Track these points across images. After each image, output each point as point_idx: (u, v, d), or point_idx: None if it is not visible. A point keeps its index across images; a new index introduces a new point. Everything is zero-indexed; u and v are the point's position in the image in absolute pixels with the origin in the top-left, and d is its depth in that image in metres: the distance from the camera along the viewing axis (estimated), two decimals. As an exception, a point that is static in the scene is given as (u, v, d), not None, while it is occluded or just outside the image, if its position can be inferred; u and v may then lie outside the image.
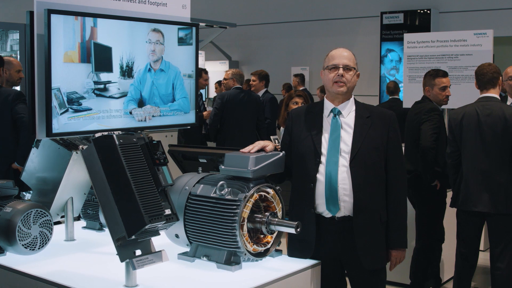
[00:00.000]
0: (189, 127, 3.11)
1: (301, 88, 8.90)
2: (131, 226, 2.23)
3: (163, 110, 2.85)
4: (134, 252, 2.34)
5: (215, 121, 7.15)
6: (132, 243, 2.32)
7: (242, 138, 6.64)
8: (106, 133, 2.37)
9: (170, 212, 2.32)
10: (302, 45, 12.07)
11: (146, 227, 2.22)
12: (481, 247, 6.03)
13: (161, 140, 6.72)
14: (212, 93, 11.74)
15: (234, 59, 13.24)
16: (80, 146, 2.39)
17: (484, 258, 5.35)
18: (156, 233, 2.36)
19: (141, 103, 2.74)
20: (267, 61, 12.31)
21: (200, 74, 7.41)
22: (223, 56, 13.16)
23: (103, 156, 2.30)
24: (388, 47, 10.60)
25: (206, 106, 8.18)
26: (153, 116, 2.80)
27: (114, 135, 2.30)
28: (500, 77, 4.34)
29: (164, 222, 2.28)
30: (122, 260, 2.30)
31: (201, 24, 10.94)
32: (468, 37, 6.24)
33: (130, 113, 2.68)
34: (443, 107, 5.03)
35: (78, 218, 3.40)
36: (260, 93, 8.13)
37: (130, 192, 2.22)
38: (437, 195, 4.79)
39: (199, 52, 11.19)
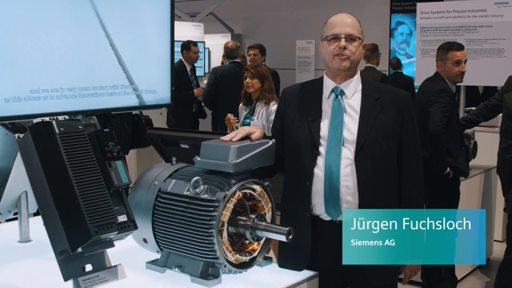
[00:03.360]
0: (164, 108, 2.63)
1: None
2: (74, 238, 1.76)
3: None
4: (84, 268, 1.88)
5: (209, 97, 6.63)
6: (79, 257, 1.86)
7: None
8: (48, 118, 1.88)
9: (125, 219, 1.85)
10: (307, 18, 11.54)
11: (93, 239, 1.75)
12: (499, 238, 5.60)
13: (152, 120, 6.02)
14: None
15: (236, 32, 12.70)
16: (16, 135, 1.91)
17: (501, 250, 4.89)
18: (109, 244, 1.88)
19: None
20: (271, 34, 11.81)
21: (188, 47, 6.85)
22: (225, 29, 12.60)
23: (41, 148, 1.82)
24: (398, 19, 10.06)
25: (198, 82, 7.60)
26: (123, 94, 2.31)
27: (54, 122, 1.80)
28: None
29: (116, 232, 1.80)
30: (65, 279, 1.84)
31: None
32: (487, 7, 5.68)
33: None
34: (458, 85, 4.53)
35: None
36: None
37: (73, 195, 1.74)
38: (449, 184, 4.29)
39: (197, 24, 10.47)
